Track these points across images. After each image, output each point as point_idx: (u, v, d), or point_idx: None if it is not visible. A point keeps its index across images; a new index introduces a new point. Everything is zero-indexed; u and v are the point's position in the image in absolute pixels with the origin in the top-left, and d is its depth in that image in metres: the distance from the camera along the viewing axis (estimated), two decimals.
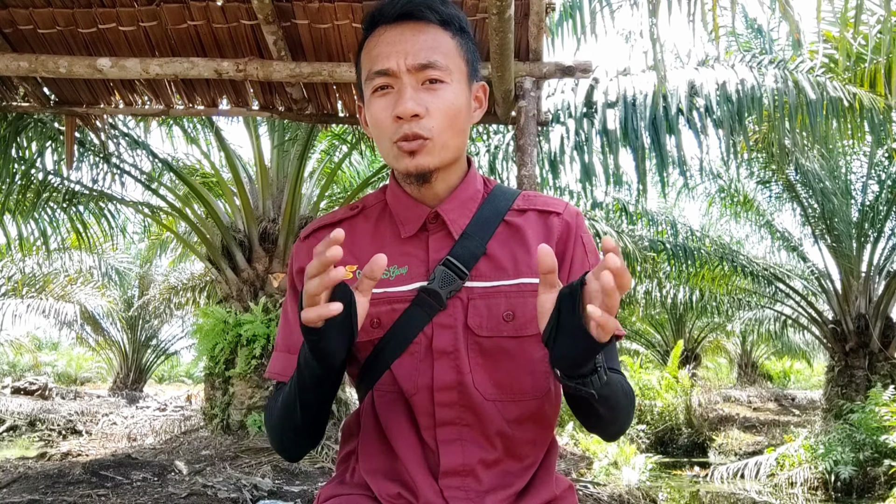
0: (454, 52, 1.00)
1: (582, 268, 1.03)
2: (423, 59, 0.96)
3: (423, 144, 0.96)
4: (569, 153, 4.26)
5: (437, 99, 0.96)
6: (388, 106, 0.97)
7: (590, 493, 3.95)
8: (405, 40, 0.97)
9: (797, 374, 19.63)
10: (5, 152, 4.43)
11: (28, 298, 11.19)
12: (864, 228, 8.23)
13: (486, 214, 1.03)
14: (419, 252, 1.02)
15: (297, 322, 1.03)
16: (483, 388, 0.98)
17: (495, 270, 1.00)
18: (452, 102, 0.97)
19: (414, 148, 0.96)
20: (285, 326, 1.08)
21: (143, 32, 2.92)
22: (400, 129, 0.96)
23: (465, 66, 1.01)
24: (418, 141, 0.95)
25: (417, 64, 0.96)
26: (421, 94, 0.96)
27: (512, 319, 0.98)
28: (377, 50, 0.99)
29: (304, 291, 0.80)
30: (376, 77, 0.98)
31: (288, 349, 1.06)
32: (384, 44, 0.98)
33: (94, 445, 6.79)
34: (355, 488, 1.02)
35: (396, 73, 0.96)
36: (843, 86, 4.43)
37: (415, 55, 0.96)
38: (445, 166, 1.01)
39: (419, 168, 0.97)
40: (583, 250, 1.04)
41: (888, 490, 5.58)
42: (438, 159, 0.98)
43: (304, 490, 3.53)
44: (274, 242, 5.71)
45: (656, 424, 9.40)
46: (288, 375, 1.02)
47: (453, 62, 0.99)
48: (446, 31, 1.00)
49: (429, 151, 0.97)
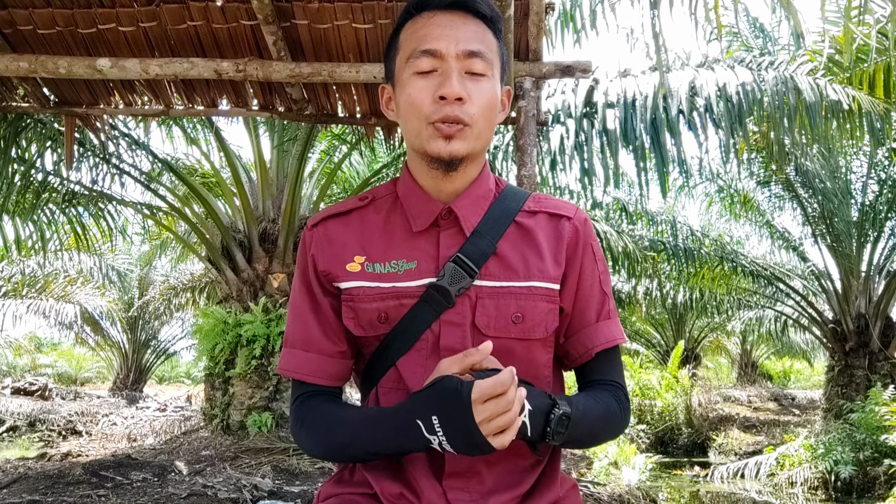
0: (495, 49, 1.02)
1: (591, 274, 1.05)
2: (473, 46, 0.97)
3: (461, 129, 0.96)
4: (569, 153, 4.26)
5: (479, 89, 0.97)
6: (429, 87, 0.96)
7: (590, 493, 3.95)
8: (456, 26, 0.98)
9: (797, 373, 19.63)
10: (5, 153, 4.43)
11: (28, 299, 11.18)
12: (864, 228, 8.23)
13: (497, 214, 1.04)
14: (429, 247, 1.02)
15: (311, 319, 1.03)
16: None
17: (505, 270, 1.00)
18: (492, 95, 0.99)
19: (452, 133, 0.95)
20: (299, 321, 1.05)
21: (143, 33, 2.92)
22: (441, 110, 0.95)
23: (501, 67, 1.03)
24: (458, 126, 0.95)
25: (468, 50, 0.96)
26: (465, 82, 0.97)
27: (521, 321, 0.98)
28: (425, 31, 0.98)
29: (502, 419, 0.84)
30: (422, 56, 0.97)
31: (306, 347, 1.03)
32: (435, 26, 0.98)
33: (94, 446, 6.78)
34: (355, 486, 1.01)
35: (444, 55, 0.96)
36: (842, 88, 4.43)
37: (466, 42, 0.97)
38: (472, 157, 1.01)
39: (452, 154, 0.97)
40: (592, 258, 1.06)
41: (888, 490, 5.58)
42: (471, 147, 0.98)
43: (304, 490, 3.53)
44: (274, 243, 5.70)
45: (656, 424, 9.40)
46: (310, 375, 1.02)
47: (494, 58, 1.01)
48: (489, 29, 1.02)
49: (465, 137, 0.97)
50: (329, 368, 1.03)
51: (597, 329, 1.04)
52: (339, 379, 1.05)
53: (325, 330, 1.03)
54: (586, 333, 1.04)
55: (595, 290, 1.05)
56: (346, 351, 1.04)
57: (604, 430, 1.02)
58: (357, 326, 1.01)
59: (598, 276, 1.06)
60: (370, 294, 1.00)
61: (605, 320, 1.05)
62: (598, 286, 1.06)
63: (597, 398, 1.01)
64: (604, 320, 1.05)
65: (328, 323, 1.03)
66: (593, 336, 1.04)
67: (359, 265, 1.01)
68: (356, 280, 1.01)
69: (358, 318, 1.01)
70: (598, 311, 1.05)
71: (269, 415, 5.16)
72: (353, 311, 1.01)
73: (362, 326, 1.01)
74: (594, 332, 1.04)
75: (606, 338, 1.04)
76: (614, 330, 1.06)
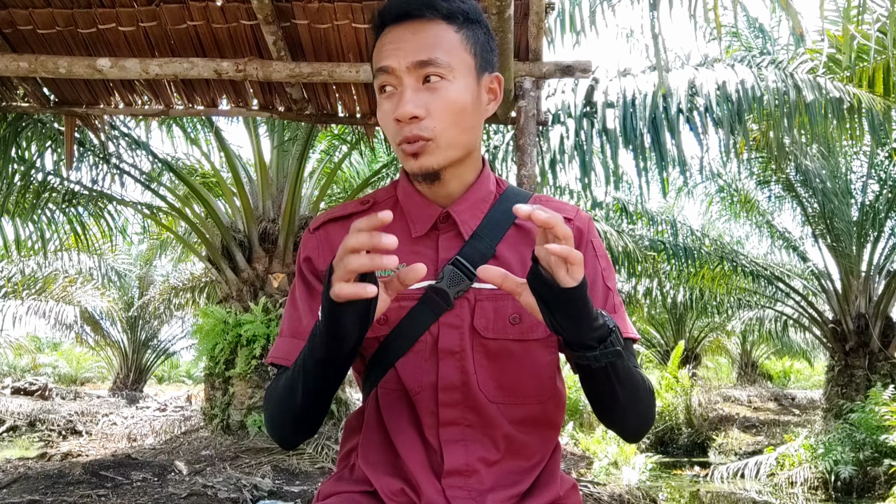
0: (458, 46, 0.98)
1: (593, 270, 1.03)
2: (422, 56, 0.95)
3: (424, 146, 0.95)
4: (568, 153, 4.26)
5: (438, 98, 0.95)
6: (391, 109, 0.96)
7: (590, 492, 3.95)
8: (405, 38, 0.96)
9: (797, 373, 19.63)
10: (5, 153, 4.42)
11: (28, 300, 11.17)
12: (864, 228, 8.23)
13: (497, 216, 1.03)
14: (429, 251, 1.02)
15: (305, 309, 1.04)
16: (487, 389, 0.98)
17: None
18: (455, 100, 0.96)
19: (416, 150, 0.95)
20: (292, 313, 1.06)
21: (143, 33, 2.92)
22: (401, 132, 0.95)
23: (473, 59, 0.99)
24: (420, 143, 0.94)
25: (416, 61, 0.95)
26: (421, 95, 0.95)
27: (518, 322, 0.98)
28: (379, 48, 0.99)
29: (342, 265, 0.78)
30: (380, 75, 0.97)
31: (293, 335, 1.04)
32: (387, 42, 0.98)
33: (94, 446, 6.79)
34: (355, 484, 1.01)
35: (396, 71, 0.95)
36: (843, 86, 4.43)
37: (414, 53, 0.95)
38: (454, 164, 1.00)
39: (423, 169, 0.96)
40: (593, 254, 1.04)
41: (888, 490, 5.58)
42: (443, 158, 0.97)
43: (304, 490, 3.53)
44: (274, 242, 5.70)
45: (656, 424, 9.40)
46: (291, 360, 1.00)
47: (457, 57, 0.97)
48: (450, 26, 0.98)
49: (431, 152, 0.96)
50: None
51: None
52: None
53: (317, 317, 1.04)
54: None
55: (597, 286, 1.03)
56: None
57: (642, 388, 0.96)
58: None
59: (601, 271, 1.04)
60: None
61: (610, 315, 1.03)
62: (601, 282, 1.03)
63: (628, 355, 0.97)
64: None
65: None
66: None
67: None
68: None
69: None
70: (601, 307, 1.01)
71: None
72: None
73: None
74: None
75: None
76: (622, 325, 1.00)
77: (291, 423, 1.00)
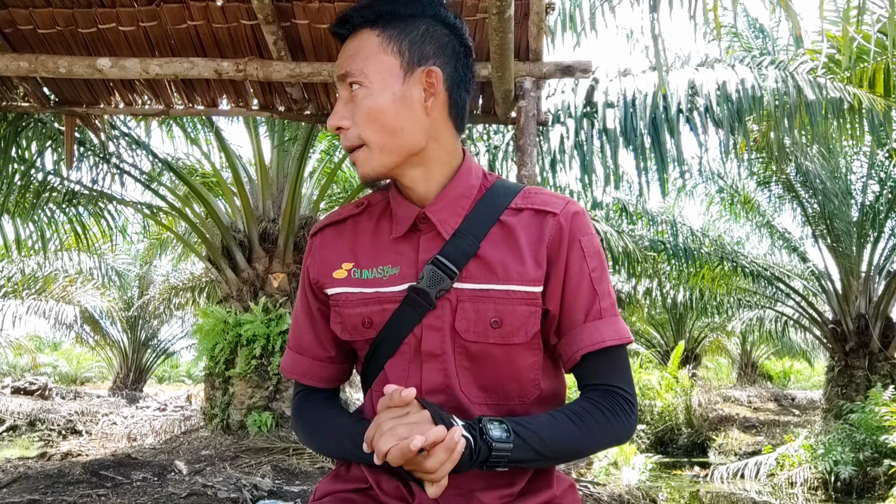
0: (375, 50, 0.98)
1: (579, 272, 0.99)
2: (342, 69, 0.99)
3: (356, 155, 0.99)
4: (569, 153, 4.26)
5: (357, 106, 0.98)
6: None
7: (589, 492, 3.95)
8: (342, 53, 1.01)
9: (797, 374, 19.63)
10: (5, 152, 4.42)
11: (28, 300, 11.17)
12: (864, 228, 8.23)
13: (481, 212, 1.01)
14: (410, 252, 1.01)
15: (306, 324, 1.10)
16: (469, 391, 0.98)
17: (485, 273, 0.98)
18: (371, 106, 0.96)
19: (353, 159, 1.00)
20: (294, 325, 1.13)
21: (143, 32, 2.92)
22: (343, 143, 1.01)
23: (396, 59, 0.97)
24: (355, 152, 0.99)
25: (338, 75, 1.00)
26: (349, 105, 0.99)
27: (499, 326, 0.96)
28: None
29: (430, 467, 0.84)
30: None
31: (298, 350, 1.11)
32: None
33: (94, 445, 6.79)
34: (351, 483, 1.03)
35: (337, 85, 1.02)
36: (843, 86, 4.43)
37: (338, 66, 1.00)
38: (403, 167, 1.00)
39: (363, 176, 1.00)
40: (580, 254, 0.99)
41: (888, 490, 5.58)
42: (378, 164, 0.99)
43: (304, 490, 3.53)
44: (274, 242, 5.71)
45: (656, 424, 9.40)
46: (300, 375, 1.10)
47: (374, 61, 0.97)
48: (372, 31, 0.99)
49: (363, 160, 0.99)
50: (320, 372, 1.10)
51: (583, 330, 0.98)
52: (331, 381, 1.11)
53: (317, 336, 1.09)
54: (573, 335, 0.98)
55: (583, 288, 0.98)
56: (335, 356, 1.10)
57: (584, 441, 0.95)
58: (344, 331, 1.04)
59: (588, 273, 0.99)
60: (353, 299, 1.02)
61: (594, 321, 0.98)
62: (588, 284, 0.99)
63: (573, 409, 0.96)
64: (593, 321, 0.98)
65: (320, 329, 1.09)
66: (578, 338, 0.98)
67: (346, 272, 1.04)
68: (341, 286, 1.03)
69: (343, 323, 1.04)
70: (586, 310, 0.98)
71: (269, 414, 5.16)
72: (339, 316, 1.04)
73: (348, 331, 1.03)
74: (580, 334, 0.98)
75: (594, 339, 0.97)
76: (605, 331, 0.98)
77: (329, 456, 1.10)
